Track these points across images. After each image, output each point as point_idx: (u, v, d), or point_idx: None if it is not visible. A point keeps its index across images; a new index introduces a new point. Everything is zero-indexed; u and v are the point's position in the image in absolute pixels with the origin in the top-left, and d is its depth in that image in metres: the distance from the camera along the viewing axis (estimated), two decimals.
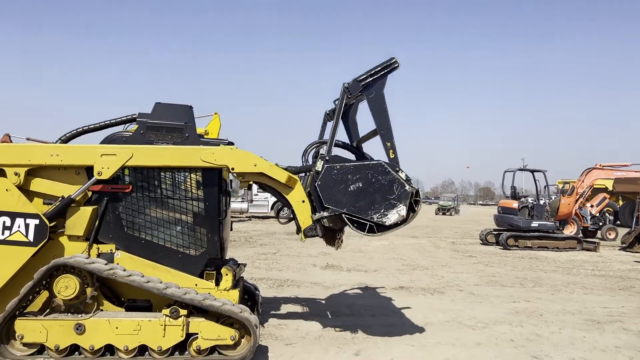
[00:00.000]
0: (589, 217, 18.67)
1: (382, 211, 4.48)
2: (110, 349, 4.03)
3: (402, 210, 4.50)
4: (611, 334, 5.60)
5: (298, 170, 4.84)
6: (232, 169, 4.34)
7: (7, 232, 4.09)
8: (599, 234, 18.66)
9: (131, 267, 4.20)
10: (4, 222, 4.09)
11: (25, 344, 4.00)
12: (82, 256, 4.12)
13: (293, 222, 4.92)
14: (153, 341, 3.99)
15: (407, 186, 4.51)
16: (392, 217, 4.49)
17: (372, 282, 8.42)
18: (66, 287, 4.01)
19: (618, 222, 22.99)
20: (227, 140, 4.76)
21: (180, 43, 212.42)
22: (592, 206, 18.96)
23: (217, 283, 4.40)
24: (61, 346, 3.94)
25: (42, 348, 4.01)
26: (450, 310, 6.55)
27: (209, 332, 4.05)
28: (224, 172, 4.51)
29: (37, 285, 4.01)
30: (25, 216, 4.09)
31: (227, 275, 4.41)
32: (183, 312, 4.04)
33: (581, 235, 17.30)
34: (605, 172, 18.46)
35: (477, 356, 4.70)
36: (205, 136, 5.19)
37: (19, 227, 4.08)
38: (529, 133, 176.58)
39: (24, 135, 4.68)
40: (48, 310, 4.12)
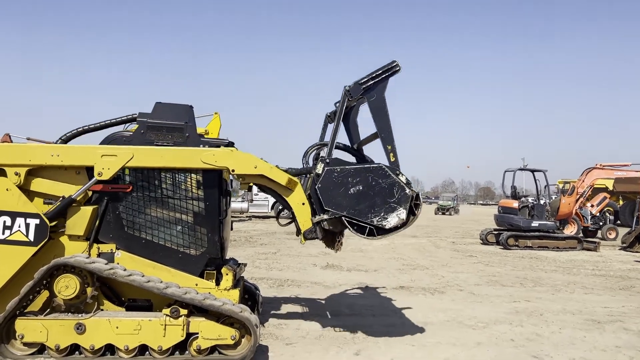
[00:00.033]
0: (590, 217, 18.68)
1: (382, 214, 4.48)
2: (110, 349, 4.04)
3: (402, 213, 4.49)
4: (611, 334, 5.60)
5: (298, 172, 4.83)
6: (233, 171, 4.34)
7: (8, 232, 4.09)
8: (600, 234, 18.67)
9: (131, 267, 4.20)
10: (5, 222, 4.09)
11: (25, 344, 4.01)
12: (83, 256, 4.12)
13: (293, 224, 4.92)
14: (153, 341, 3.99)
15: (408, 190, 4.51)
16: (392, 221, 4.49)
17: (373, 282, 8.42)
18: (66, 287, 4.02)
19: (618, 222, 23.01)
20: (228, 140, 4.75)
21: (180, 43, 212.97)
22: (593, 206, 18.97)
23: (218, 283, 4.40)
24: (61, 346, 3.95)
25: (43, 348, 4.01)
26: (450, 310, 6.55)
27: (210, 332, 4.05)
28: (225, 172, 4.51)
29: (38, 284, 4.02)
30: (25, 216, 4.10)
31: (228, 275, 4.41)
32: (183, 312, 4.04)
33: (581, 235, 17.32)
34: (605, 172, 18.47)
35: (478, 356, 4.70)
36: (205, 136, 5.18)
37: (20, 227, 4.09)
38: (529, 133, 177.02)
39: (24, 135, 4.67)
40: (48, 309, 4.12)
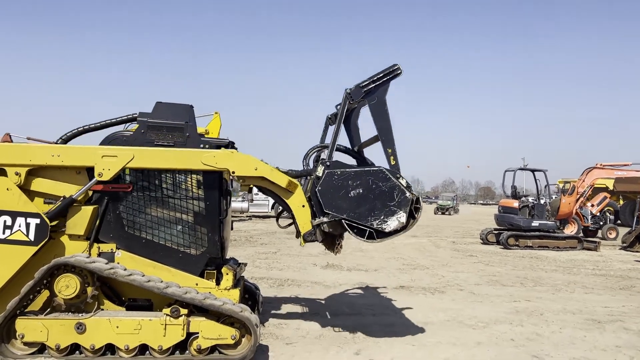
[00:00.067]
0: (590, 217, 18.69)
1: (382, 218, 4.48)
2: (110, 348, 4.04)
3: (402, 217, 4.49)
4: (612, 334, 5.60)
5: (299, 174, 4.83)
6: (233, 173, 4.34)
7: (8, 232, 4.09)
8: (600, 234, 18.66)
9: (132, 267, 4.20)
10: (5, 222, 4.09)
11: (25, 343, 4.01)
12: (83, 255, 4.12)
13: (293, 225, 4.92)
14: (154, 340, 3.99)
15: (408, 193, 4.50)
16: (392, 224, 4.49)
17: (373, 282, 8.42)
18: (67, 287, 4.02)
19: (619, 222, 23.03)
20: (228, 140, 4.75)
21: (180, 43, 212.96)
22: (593, 205, 18.98)
23: (218, 282, 4.40)
24: (62, 345, 3.95)
25: (43, 347, 4.01)
26: (450, 309, 6.55)
27: (210, 332, 4.05)
28: (225, 173, 4.51)
29: (38, 284, 4.01)
30: (26, 215, 4.10)
31: (228, 274, 4.41)
32: (184, 312, 4.04)
33: (582, 234, 17.32)
34: (605, 172, 18.49)
35: (478, 356, 4.70)
36: (205, 135, 5.18)
37: (20, 227, 4.09)
38: (529, 133, 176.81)
39: (25, 134, 4.66)
40: (49, 309, 4.12)
